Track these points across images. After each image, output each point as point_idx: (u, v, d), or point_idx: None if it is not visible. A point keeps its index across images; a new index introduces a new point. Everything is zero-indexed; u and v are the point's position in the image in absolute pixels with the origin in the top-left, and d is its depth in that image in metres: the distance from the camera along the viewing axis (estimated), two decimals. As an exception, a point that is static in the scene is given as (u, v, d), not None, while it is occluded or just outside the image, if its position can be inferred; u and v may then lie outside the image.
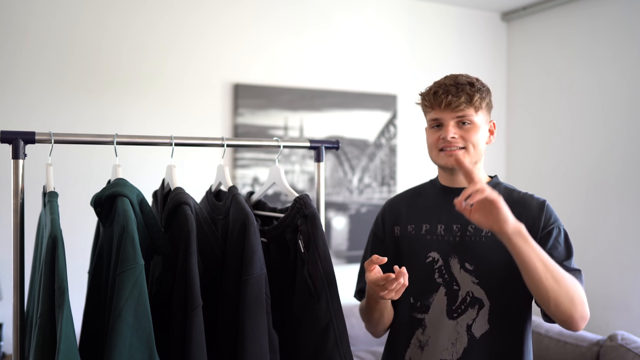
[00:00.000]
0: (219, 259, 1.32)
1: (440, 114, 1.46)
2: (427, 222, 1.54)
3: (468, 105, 1.43)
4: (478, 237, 1.47)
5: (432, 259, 1.50)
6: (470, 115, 1.45)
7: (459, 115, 1.44)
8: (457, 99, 1.43)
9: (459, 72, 1.53)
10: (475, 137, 1.46)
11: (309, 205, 1.36)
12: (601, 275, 3.35)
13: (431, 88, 1.49)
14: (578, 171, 3.53)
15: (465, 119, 1.45)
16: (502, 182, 1.57)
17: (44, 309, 1.10)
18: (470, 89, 1.44)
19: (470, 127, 1.45)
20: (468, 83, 1.45)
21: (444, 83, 1.47)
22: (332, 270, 1.34)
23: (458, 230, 1.49)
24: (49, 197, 1.25)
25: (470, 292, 1.45)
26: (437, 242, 1.51)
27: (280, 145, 1.52)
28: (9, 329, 2.68)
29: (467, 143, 1.45)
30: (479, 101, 1.45)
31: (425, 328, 1.49)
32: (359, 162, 3.56)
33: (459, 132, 1.45)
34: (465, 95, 1.43)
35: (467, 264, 1.46)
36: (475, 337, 1.44)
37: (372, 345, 3.25)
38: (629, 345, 2.48)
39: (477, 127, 1.46)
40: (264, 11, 3.33)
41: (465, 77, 1.47)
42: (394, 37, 3.70)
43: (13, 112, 2.81)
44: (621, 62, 3.30)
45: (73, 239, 2.40)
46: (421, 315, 1.50)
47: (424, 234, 1.53)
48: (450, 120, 1.45)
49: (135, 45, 3.04)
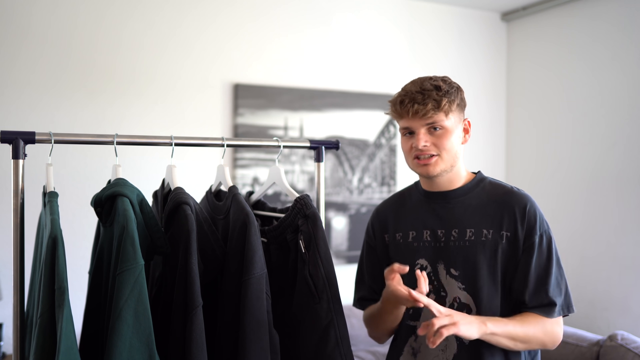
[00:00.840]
0: (219, 259, 1.32)
1: (409, 122, 1.43)
2: (414, 229, 1.53)
3: (436, 111, 1.39)
4: (462, 241, 1.45)
5: (421, 266, 1.49)
6: (440, 121, 1.41)
7: (428, 122, 1.41)
8: (424, 106, 1.39)
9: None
10: (447, 143, 1.42)
11: (309, 205, 1.36)
12: (601, 275, 3.35)
13: (398, 96, 1.45)
14: (578, 171, 3.53)
15: (435, 124, 1.41)
16: (486, 177, 1.55)
17: (44, 309, 1.10)
18: (437, 93, 1.39)
19: (442, 133, 1.42)
20: (434, 87, 1.40)
21: (410, 90, 1.42)
22: (333, 270, 1.34)
23: (442, 235, 1.48)
24: (49, 197, 1.25)
25: (457, 297, 1.45)
26: (423, 248, 1.50)
27: (280, 145, 1.52)
28: (9, 329, 2.68)
29: (439, 150, 1.43)
30: (447, 105, 1.40)
31: (418, 335, 1.49)
32: (359, 162, 3.56)
33: (430, 139, 1.42)
34: (432, 101, 1.39)
35: (452, 270, 1.46)
36: (464, 343, 1.43)
37: (372, 345, 3.25)
38: (629, 345, 2.48)
39: (449, 131, 1.42)
40: (264, 10, 3.33)
41: (431, 81, 1.42)
42: (394, 37, 3.70)
43: (11, 111, 2.81)
44: (621, 62, 3.30)
45: (73, 239, 2.40)
46: (414, 323, 1.51)
47: (411, 241, 1.52)
48: (420, 127, 1.42)
49: (135, 45, 3.04)
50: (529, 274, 1.41)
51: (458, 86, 1.46)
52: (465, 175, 1.53)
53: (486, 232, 1.44)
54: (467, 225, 1.46)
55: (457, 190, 1.50)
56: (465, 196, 1.49)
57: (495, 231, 1.44)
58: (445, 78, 1.45)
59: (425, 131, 1.42)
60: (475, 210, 1.47)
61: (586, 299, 3.35)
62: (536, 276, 1.41)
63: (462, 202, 1.49)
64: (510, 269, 1.43)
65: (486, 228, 1.44)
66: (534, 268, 1.41)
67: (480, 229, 1.44)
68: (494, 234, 1.43)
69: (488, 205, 1.47)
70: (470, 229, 1.45)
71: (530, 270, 1.41)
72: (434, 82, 1.42)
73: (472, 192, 1.50)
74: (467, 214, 1.47)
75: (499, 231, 1.44)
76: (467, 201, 1.48)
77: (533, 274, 1.41)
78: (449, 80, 1.45)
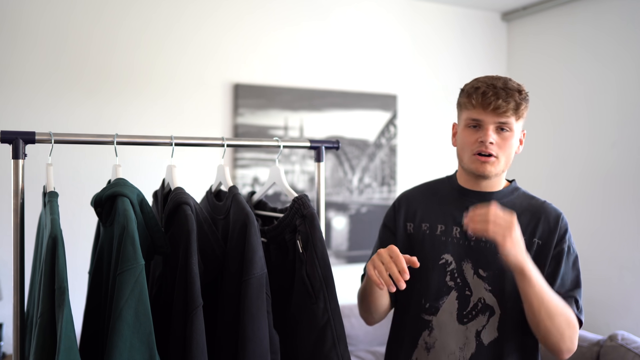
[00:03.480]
0: (219, 259, 1.32)
1: (482, 115, 1.40)
2: (443, 223, 1.51)
3: (513, 113, 1.39)
4: (494, 244, 1.43)
5: (445, 261, 1.48)
6: (511, 123, 1.40)
7: (501, 120, 1.39)
8: (506, 104, 1.37)
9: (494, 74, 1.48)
10: (510, 146, 1.42)
11: (307, 205, 1.36)
12: (601, 276, 3.35)
13: (479, 87, 1.41)
14: (580, 171, 3.53)
15: (506, 125, 1.40)
16: (520, 187, 1.55)
17: (44, 309, 1.10)
18: (519, 96, 1.39)
19: (509, 135, 1.41)
20: (517, 90, 1.40)
21: (493, 84, 1.40)
22: (329, 270, 1.33)
23: (474, 234, 1.46)
24: (49, 197, 1.24)
25: (482, 298, 1.44)
26: (451, 244, 1.48)
27: (280, 145, 1.52)
28: (9, 329, 2.68)
29: (501, 152, 1.42)
30: (523, 110, 1.41)
31: (432, 330, 1.47)
32: (359, 162, 3.55)
33: (496, 139, 1.41)
34: (514, 102, 1.38)
35: (481, 270, 1.45)
36: (483, 344, 1.43)
37: (372, 345, 3.25)
38: (629, 345, 2.48)
39: (514, 135, 1.42)
40: (264, 9, 3.33)
41: (514, 83, 1.42)
42: (394, 37, 3.70)
43: (8, 110, 2.81)
44: (621, 62, 3.30)
45: (73, 239, 2.40)
46: (429, 317, 1.48)
47: (439, 234, 1.50)
48: (491, 124, 1.40)
49: (132, 43, 3.04)
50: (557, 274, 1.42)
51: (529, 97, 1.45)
52: (504, 182, 1.53)
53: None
54: None
55: (496, 194, 1.49)
56: (502, 200, 1.48)
57: (527, 238, 1.43)
58: (522, 85, 1.44)
59: (494, 128, 1.41)
60: None
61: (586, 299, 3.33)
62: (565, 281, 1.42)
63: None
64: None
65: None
66: (563, 274, 1.42)
67: None
68: (526, 240, 1.42)
69: (522, 214, 1.46)
70: None
71: (559, 273, 1.42)
72: (517, 85, 1.42)
73: (508, 198, 1.50)
74: None
75: (531, 238, 1.44)
76: (502, 205, 1.47)
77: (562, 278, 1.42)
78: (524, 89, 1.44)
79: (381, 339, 3.16)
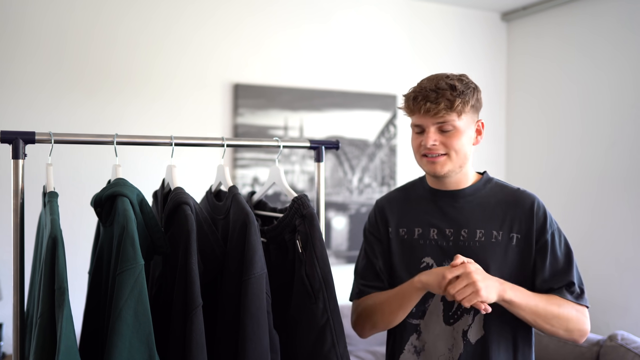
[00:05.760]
0: (219, 259, 1.32)
1: (420, 119, 1.40)
2: (419, 226, 1.51)
3: (449, 112, 1.36)
4: (472, 241, 1.45)
5: (427, 264, 1.48)
6: (451, 121, 1.38)
7: (438, 121, 1.38)
8: (436, 105, 1.36)
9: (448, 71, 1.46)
10: (457, 143, 1.40)
11: (306, 205, 1.36)
12: (601, 276, 3.34)
13: (412, 92, 1.42)
14: (578, 171, 3.53)
15: (446, 125, 1.38)
16: (492, 177, 1.53)
17: (44, 309, 1.10)
18: (452, 93, 1.36)
19: (452, 133, 1.39)
20: (449, 87, 1.37)
21: (424, 87, 1.39)
22: (329, 270, 1.33)
23: (451, 234, 1.47)
24: (49, 197, 1.24)
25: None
26: (429, 246, 1.48)
27: (280, 145, 1.52)
28: (9, 329, 2.68)
29: (448, 150, 1.40)
30: (460, 106, 1.37)
31: (420, 333, 1.48)
32: (359, 162, 3.56)
33: (440, 139, 1.39)
34: (445, 101, 1.35)
35: None
36: (470, 343, 1.43)
37: (372, 345, 3.25)
38: (629, 345, 2.48)
39: (460, 132, 1.39)
40: (265, 12, 3.33)
41: (447, 80, 1.39)
42: (394, 37, 3.70)
43: (8, 111, 2.81)
44: (622, 62, 3.30)
45: (73, 239, 2.40)
46: (416, 321, 1.49)
47: (417, 238, 1.50)
48: (431, 126, 1.39)
49: (132, 43, 3.04)
50: (544, 268, 1.42)
51: (475, 86, 1.43)
52: (473, 176, 1.51)
53: (496, 234, 1.44)
54: (476, 226, 1.45)
55: (465, 190, 1.48)
56: (473, 196, 1.48)
57: (505, 233, 1.43)
58: (463, 77, 1.41)
59: (435, 130, 1.40)
60: (484, 211, 1.46)
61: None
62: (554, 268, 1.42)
63: (470, 202, 1.48)
64: (520, 270, 1.43)
65: (496, 229, 1.44)
66: (549, 264, 1.42)
67: (490, 230, 1.44)
68: (503, 235, 1.43)
69: (497, 207, 1.46)
70: (480, 230, 1.44)
71: (546, 266, 1.41)
72: (450, 81, 1.38)
73: (480, 193, 1.49)
74: (475, 215, 1.46)
75: (508, 233, 1.44)
76: (475, 201, 1.47)
77: (549, 268, 1.42)
78: (466, 80, 1.41)
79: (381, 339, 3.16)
